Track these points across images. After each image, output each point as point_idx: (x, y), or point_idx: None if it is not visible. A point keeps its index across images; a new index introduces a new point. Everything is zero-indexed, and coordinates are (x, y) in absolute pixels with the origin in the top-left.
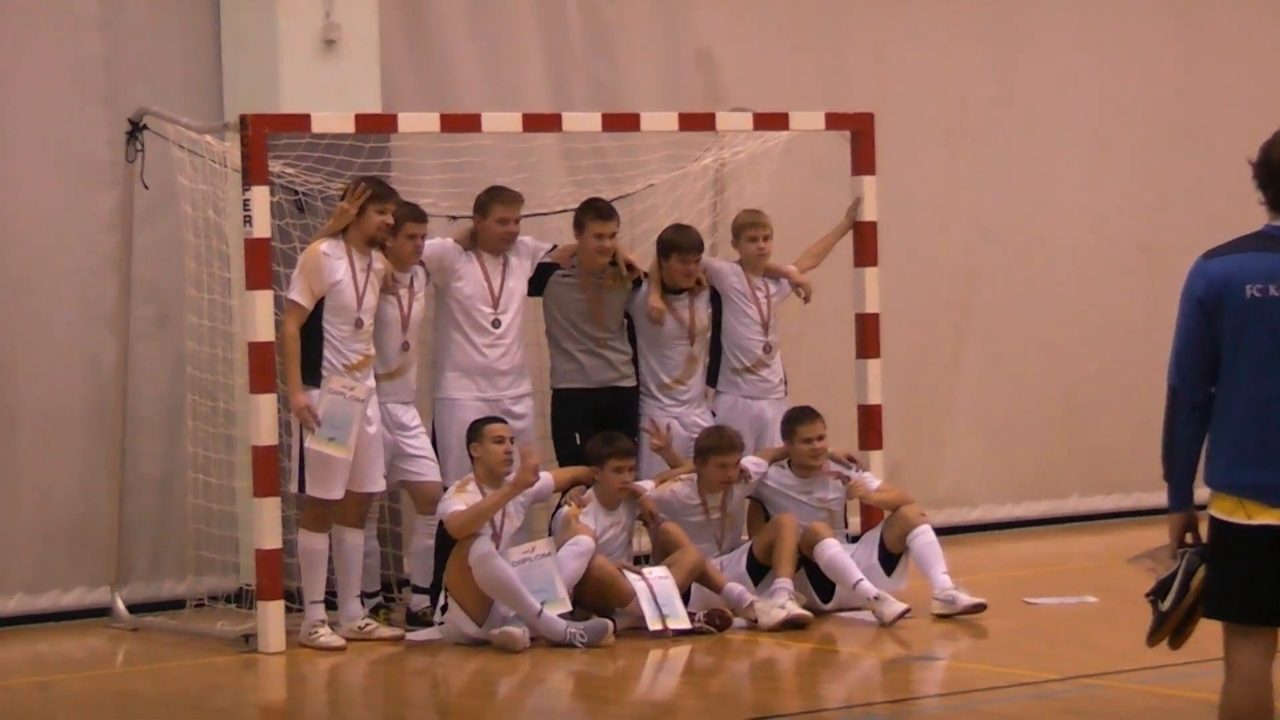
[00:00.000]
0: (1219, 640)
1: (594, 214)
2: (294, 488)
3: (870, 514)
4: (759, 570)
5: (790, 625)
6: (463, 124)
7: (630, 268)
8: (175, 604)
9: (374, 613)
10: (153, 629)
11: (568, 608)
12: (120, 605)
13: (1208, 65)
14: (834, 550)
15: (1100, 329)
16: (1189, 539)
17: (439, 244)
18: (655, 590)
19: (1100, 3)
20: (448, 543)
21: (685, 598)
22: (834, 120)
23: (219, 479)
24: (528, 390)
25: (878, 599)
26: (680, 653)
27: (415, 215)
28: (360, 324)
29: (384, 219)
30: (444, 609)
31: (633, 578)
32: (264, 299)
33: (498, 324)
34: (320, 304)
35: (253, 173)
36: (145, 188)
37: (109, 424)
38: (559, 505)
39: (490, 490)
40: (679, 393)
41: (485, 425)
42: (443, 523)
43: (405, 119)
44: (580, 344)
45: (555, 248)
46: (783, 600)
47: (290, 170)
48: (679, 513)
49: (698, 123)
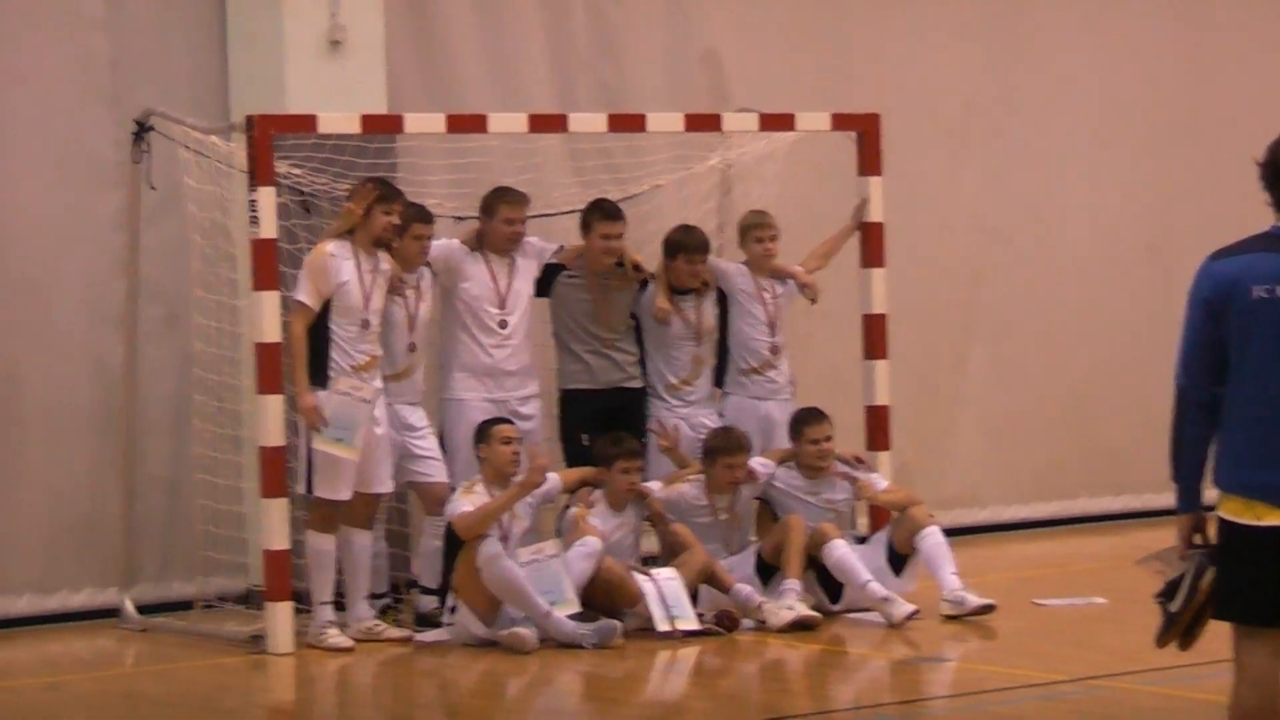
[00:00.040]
0: (1228, 641)
1: (601, 215)
2: (302, 489)
3: (878, 515)
4: (767, 571)
5: (799, 626)
6: (469, 125)
7: (637, 268)
8: (184, 605)
9: (382, 614)
10: (161, 630)
11: (576, 609)
12: (129, 606)
13: (1213, 66)
14: (842, 551)
15: (1107, 329)
16: (1197, 540)
17: (445, 245)
18: (664, 591)
19: (1105, 3)
20: (456, 544)
21: (693, 599)
22: (840, 121)
23: (227, 480)
24: (535, 391)
25: (886, 600)
26: (689, 654)
27: (421, 216)
28: (367, 325)
29: (390, 220)
30: (452, 610)
31: (641, 579)
32: (271, 300)
33: (504, 325)
34: (327, 305)
35: (259, 173)
36: (152, 188)
37: (116, 425)
38: (567, 506)
39: (498, 491)
40: (686, 394)
41: (493, 426)
42: (451, 524)
43: (411, 120)
44: (587, 345)
45: (562, 248)
46: (791, 601)
47: (296, 171)
48: (687, 514)
49: (704, 123)
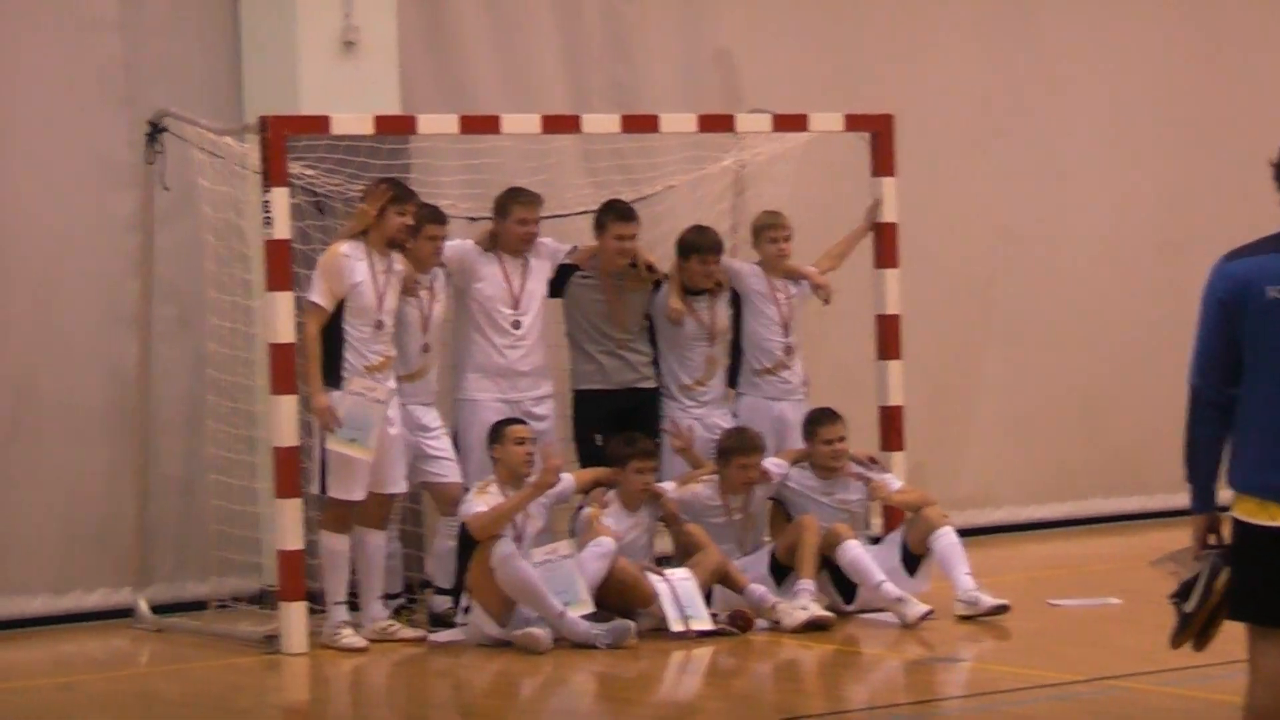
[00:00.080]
0: (1242, 642)
1: (615, 215)
2: (316, 489)
3: (892, 515)
4: (781, 571)
5: (813, 626)
6: (482, 125)
7: (650, 269)
8: (198, 605)
9: (396, 614)
10: (175, 630)
11: (590, 609)
12: (143, 606)
13: (1226, 67)
14: (856, 551)
15: (1121, 330)
16: (1212, 540)
17: (459, 245)
18: (677, 591)
19: (1118, 4)
20: (469, 544)
21: (707, 599)
22: (854, 122)
23: (241, 480)
24: (549, 391)
25: (900, 600)
26: (703, 654)
27: (435, 217)
28: (381, 325)
29: (404, 220)
30: (466, 610)
31: (655, 579)
32: (284, 300)
33: (518, 325)
34: (341, 305)
35: (272, 174)
36: (165, 189)
37: (130, 425)
38: (580, 506)
39: (512, 491)
40: (700, 394)
41: (506, 427)
42: (464, 524)
43: (424, 121)
44: (601, 345)
45: (575, 249)
46: (805, 601)
47: (310, 172)
48: (701, 514)
49: (717, 124)
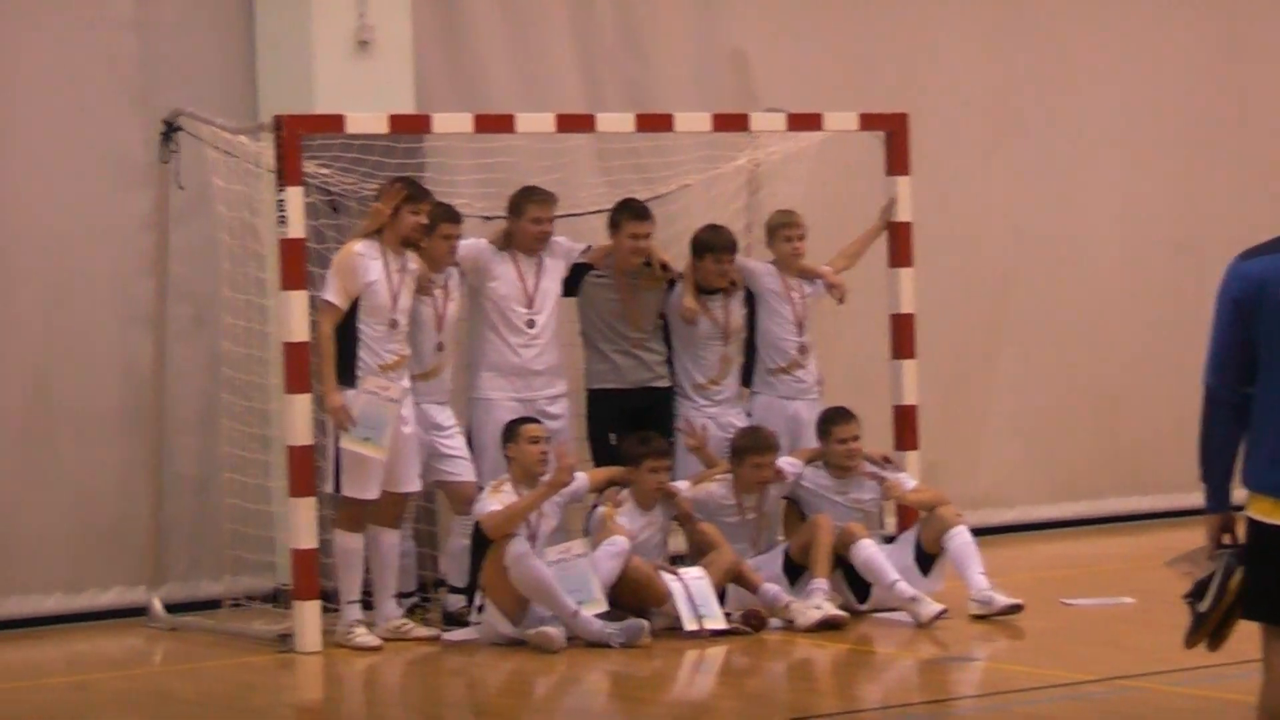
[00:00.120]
0: (1257, 642)
1: (630, 214)
2: (329, 488)
3: (906, 515)
4: (795, 571)
5: (826, 626)
6: (496, 124)
7: (665, 268)
8: (212, 604)
9: (410, 613)
10: (189, 629)
11: (604, 608)
12: (157, 605)
13: (1244, 67)
14: (870, 551)
15: (1136, 329)
16: (1226, 540)
17: (473, 244)
18: (691, 590)
19: (1135, 3)
20: (483, 543)
21: (721, 598)
22: (868, 121)
23: (255, 479)
24: (563, 390)
25: (914, 600)
26: (716, 653)
27: (449, 216)
28: (395, 324)
29: (418, 219)
30: (480, 609)
31: (669, 578)
32: (299, 299)
33: (532, 324)
34: (355, 304)
35: (287, 173)
36: (180, 188)
37: (145, 424)
38: (594, 505)
39: (526, 490)
40: (714, 393)
41: (520, 425)
42: (478, 523)
43: (439, 120)
44: (615, 344)
45: (590, 248)
46: (819, 601)
47: (325, 171)
48: (714, 513)
49: (731, 123)
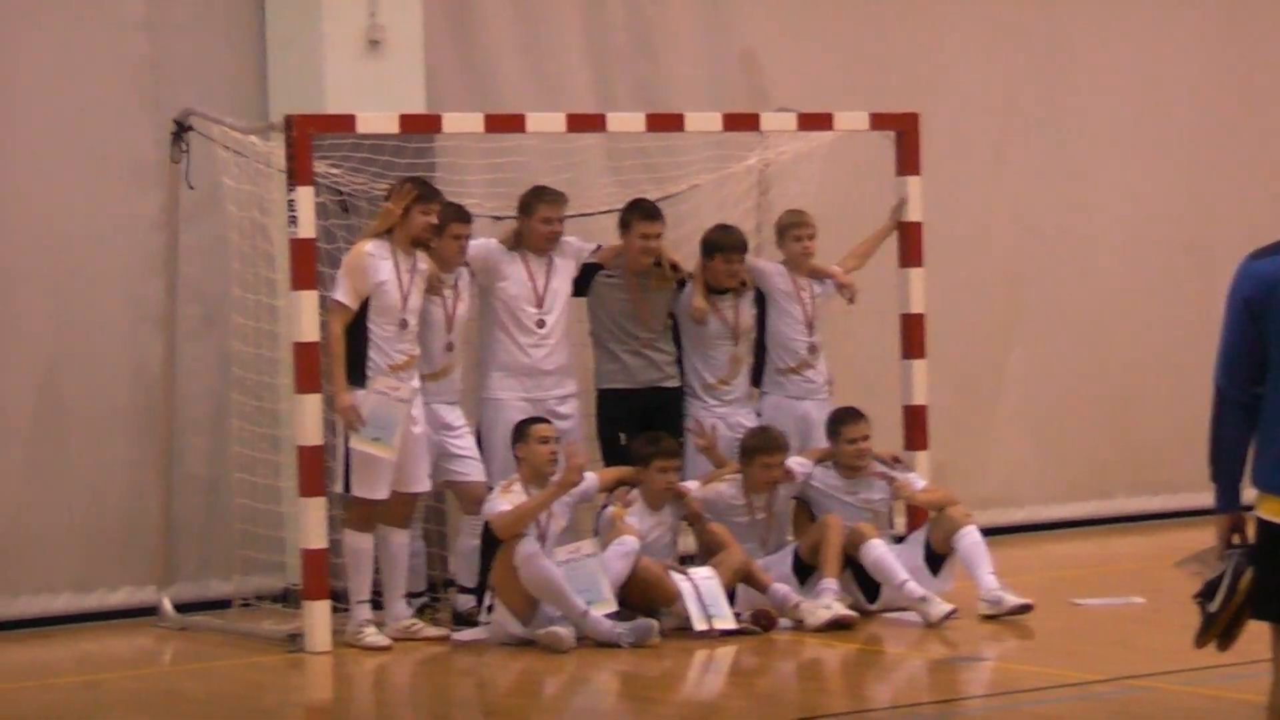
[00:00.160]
0: (1267, 642)
1: (640, 214)
2: (339, 488)
3: (916, 515)
4: (804, 571)
5: (836, 626)
6: (507, 124)
7: (675, 268)
8: (222, 603)
9: (420, 613)
10: (199, 628)
11: (613, 608)
12: (167, 605)
13: (1254, 65)
14: (879, 551)
15: (1146, 329)
16: (1236, 540)
17: (483, 244)
18: (701, 590)
19: (1145, 3)
20: (493, 543)
21: (731, 598)
22: (879, 120)
23: (265, 479)
24: (573, 390)
25: (924, 600)
26: (726, 653)
27: (460, 215)
28: (405, 324)
29: (429, 219)
30: (489, 609)
31: (678, 578)
32: (309, 299)
33: (542, 324)
34: (365, 304)
35: (298, 173)
36: (190, 188)
37: (156, 424)
38: (604, 505)
39: (535, 490)
40: (723, 393)
41: (530, 425)
42: (488, 523)
43: (450, 119)
44: (625, 344)
45: (600, 248)
46: (828, 601)
47: (335, 171)
48: (724, 513)
49: (742, 123)
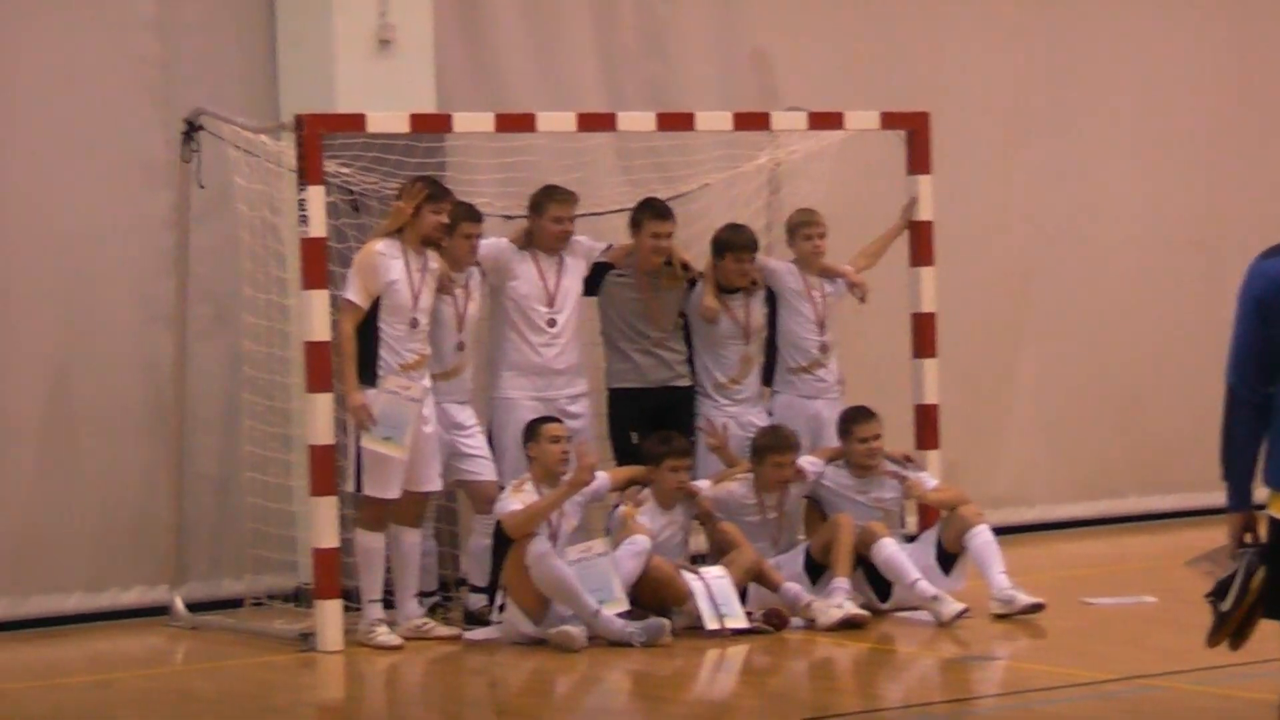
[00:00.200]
0: (1279, 641)
1: (652, 213)
2: (351, 487)
3: (927, 514)
4: (816, 570)
5: (848, 625)
6: (518, 124)
7: (685, 267)
8: (233, 603)
9: (431, 612)
10: (211, 628)
11: (625, 607)
12: (179, 604)
13: (1263, 63)
14: (891, 550)
15: (1157, 328)
16: (1248, 539)
17: (494, 243)
18: (712, 590)
19: (1156, 2)
20: (505, 542)
21: (742, 597)
22: (889, 119)
23: (276, 478)
24: (584, 389)
25: (935, 599)
26: (737, 652)
27: (470, 215)
28: (416, 324)
29: (439, 219)
30: (501, 608)
31: (690, 577)
32: (320, 299)
33: (553, 323)
34: (376, 304)
35: (308, 172)
36: (201, 188)
37: (167, 424)
38: (616, 505)
39: (547, 490)
40: (735, 392)
41: (542, 425)
42: (499, 522)
43: (460, 119)
44: (636, 343)
45: (610, 247)
46: (840, 600)
47: (345, 170)
48: (735, 512)
49: (753, 122)
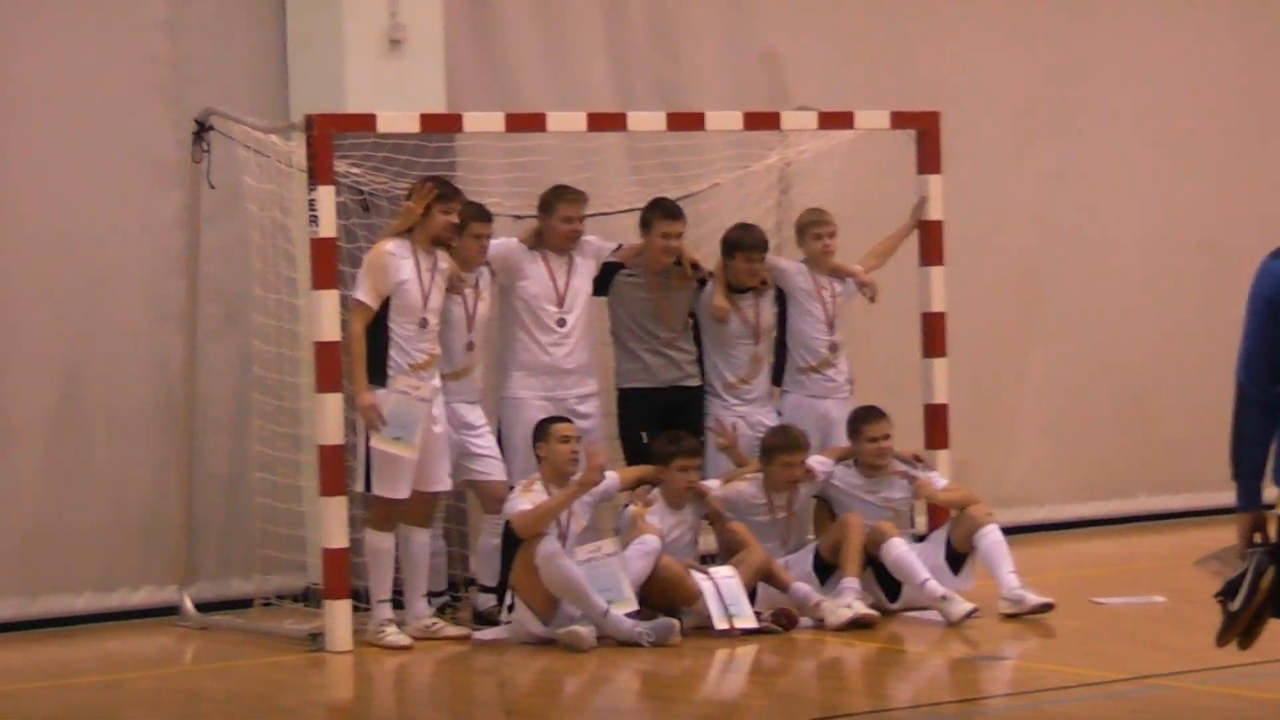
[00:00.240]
0: None
1: (661, 213)
2: (360, 487)
3: (937, 514)
4: (825, 570)
5: (857, 625)
6: (527, 123)
7: (695, 267)
8: (243, 603)
9: (440, 612)
10: (220, 628)
11: (634, 607)
12: (188, 604)
13: (1272, 63)
14: (900, 550)
15: (1166, 327)
16: (1257, 538)
17: (504, 243)
18: (721, 589)
19: (1165, 3)
20: (514, 542)
21: (751, 597)
22: (899, 119)
23: (286, 478)
24: (593, 389)
25: (945, 599)
26: (747, 652)
27: (480, 215)
28: (425, 324)
29: (449, 218)
30: (510, 608)
31: (699, 577)
32: (330, 299)
33: (563, 323)
34: (386, 304)
35: (318, 172)
36: (211, 188)
37: (177, 423)
38: (625, 504)
39: (556, 490)
40: (744, 392)
41: (551, 425)
42: (509, 522)
43: (470, 119)
44: (645, 343)
45: (620, 247)
46: (849, 600)
47: (356, 170)
48: (745, 512)
49: (762, 122)
